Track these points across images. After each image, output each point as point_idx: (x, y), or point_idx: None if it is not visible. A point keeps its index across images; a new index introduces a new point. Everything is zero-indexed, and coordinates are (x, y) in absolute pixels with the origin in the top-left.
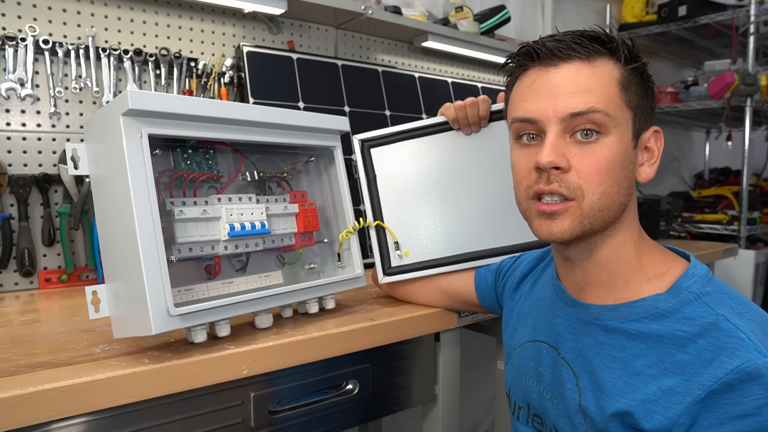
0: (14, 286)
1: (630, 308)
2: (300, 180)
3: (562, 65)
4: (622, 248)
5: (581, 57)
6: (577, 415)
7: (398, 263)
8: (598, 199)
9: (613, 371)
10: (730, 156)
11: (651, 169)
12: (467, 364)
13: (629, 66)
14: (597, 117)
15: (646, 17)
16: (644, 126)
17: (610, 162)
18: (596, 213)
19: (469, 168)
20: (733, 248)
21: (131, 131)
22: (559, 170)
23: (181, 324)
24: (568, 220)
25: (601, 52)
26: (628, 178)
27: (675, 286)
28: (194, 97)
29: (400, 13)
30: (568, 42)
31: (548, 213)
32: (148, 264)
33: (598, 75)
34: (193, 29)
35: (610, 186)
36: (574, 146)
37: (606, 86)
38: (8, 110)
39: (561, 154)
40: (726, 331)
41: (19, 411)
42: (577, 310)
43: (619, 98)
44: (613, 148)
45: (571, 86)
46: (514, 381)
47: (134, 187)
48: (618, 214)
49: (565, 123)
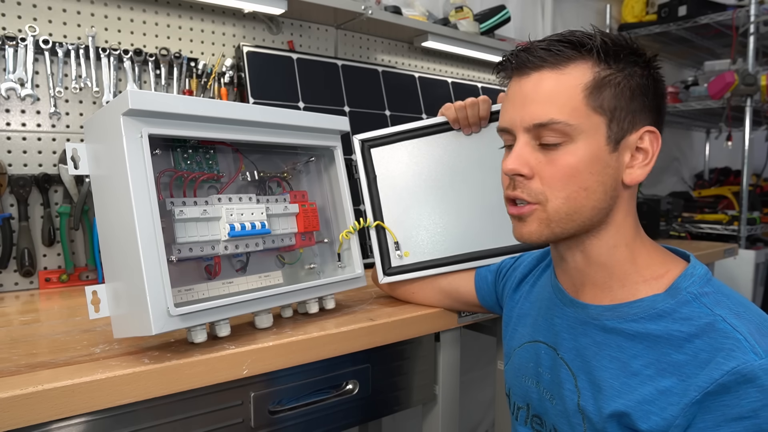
0: (14, 286)
1: (628, 308)
2: (300, 180)
3: (532, 74)
4: (613, 250)
5: (550, 65)
6: (576, 416)
7: (398, 263)
8: (563, 203)
9: (610, 371)
10: (730, 156)
11: (642, 171)
12: (467, 364)
13: (610, 67)
14: (558, 127)
15: (646, 17)
16: (630, 128)
17: (572, 168)
18: (563, 216)
19: (469, 168)
20: (733, 248)
21: (131, 131)
22: (523, 177)
23: (181, 324)
24: (534, 223)
25: (574, 57)
26: (603, 182)
27: (673, 287)
28: (194, 97)
29: (400, 13)
30: (538, 51)
31: (517, 216)
32: (148, 264)
33: (564, 82)
34: (193, 29)
35: (575, 191)
36: (540, 153)
37: (570, 94)
38: (8, 110)
39: (524, 162)
40: (723, 332)
41: (19, 411)
42: (575, 310)
43: (584, 105)
44: (578, 155)
45: (537, 95)
46: (514, 381)
47: (134, 187)
48: (595, 217)
49: (531, 132)
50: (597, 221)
